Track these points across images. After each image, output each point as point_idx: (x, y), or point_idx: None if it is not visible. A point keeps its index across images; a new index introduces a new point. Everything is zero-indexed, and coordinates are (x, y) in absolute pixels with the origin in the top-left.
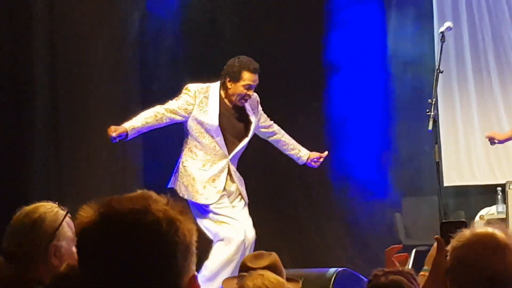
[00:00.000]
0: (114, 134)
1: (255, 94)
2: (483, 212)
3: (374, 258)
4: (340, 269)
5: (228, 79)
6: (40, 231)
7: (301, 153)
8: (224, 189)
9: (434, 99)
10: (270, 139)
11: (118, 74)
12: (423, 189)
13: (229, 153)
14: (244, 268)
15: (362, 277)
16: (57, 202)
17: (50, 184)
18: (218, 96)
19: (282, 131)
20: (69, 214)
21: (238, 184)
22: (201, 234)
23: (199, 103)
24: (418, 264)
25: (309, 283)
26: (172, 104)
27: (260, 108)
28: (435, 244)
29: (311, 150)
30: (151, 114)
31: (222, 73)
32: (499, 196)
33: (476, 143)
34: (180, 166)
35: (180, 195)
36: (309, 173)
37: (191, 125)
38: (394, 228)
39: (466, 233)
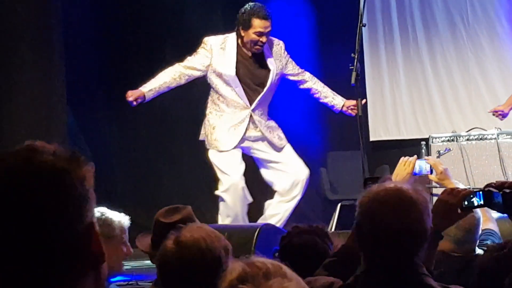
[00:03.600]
0: (131, 99)
1: (281, 41)
2: None
3: (299, 212)
4: (263, 223)
5: (241, 27)
6: None
7: (335, 101)
8: (244, 137)
9: (357, 54)
10: (301, 87)
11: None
12: (348, 143)
13: (250, 104)
14: (157, 224)
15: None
16: None
17: None
18: (235, 45)
19: (315, 79)
20: None
21: (264, 132)
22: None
23: (216, 55)
24: (343, 218)
25: (232, 238)
26: (189, 60)
27: (286, 55)
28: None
29: None
30: (170, 73)
31: (235, 22)
32: (423, 150)
33: (402, 98)
34: (205, 118)
35: (206, 145)
36: None
37: (211, 77)
38: (320, 183)
39: (373, 188)
